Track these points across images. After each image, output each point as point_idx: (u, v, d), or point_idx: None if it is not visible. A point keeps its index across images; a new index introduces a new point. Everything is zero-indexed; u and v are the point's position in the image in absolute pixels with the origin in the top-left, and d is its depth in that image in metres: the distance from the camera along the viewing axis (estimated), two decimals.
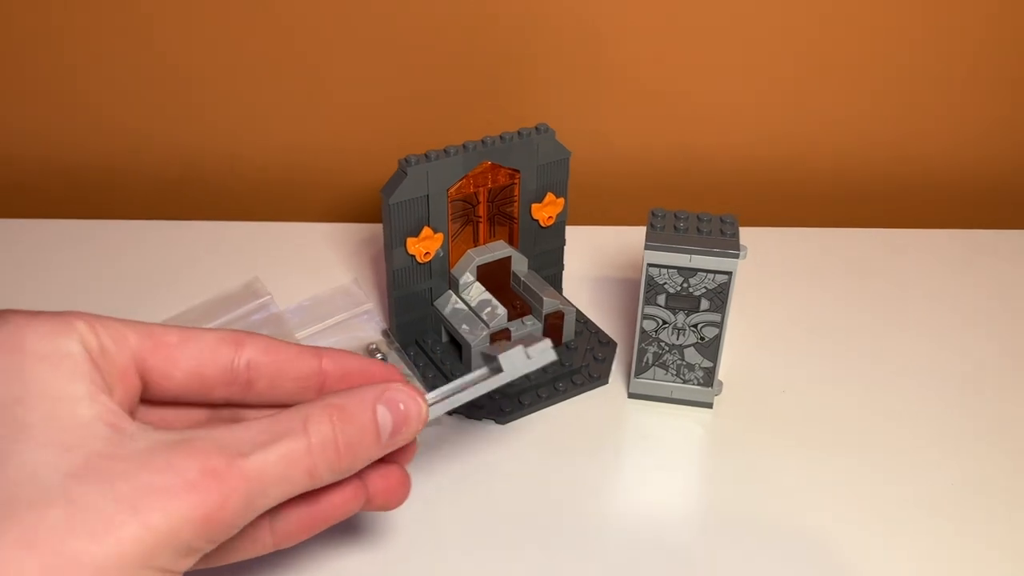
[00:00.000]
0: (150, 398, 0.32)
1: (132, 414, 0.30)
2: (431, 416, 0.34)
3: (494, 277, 0.55)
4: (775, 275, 0.63)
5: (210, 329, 0.33)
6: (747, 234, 0.50)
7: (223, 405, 0.34)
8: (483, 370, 0.38)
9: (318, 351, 0.35)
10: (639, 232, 0.51)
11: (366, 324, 0.58)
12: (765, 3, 0.64)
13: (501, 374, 0.37)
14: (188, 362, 0.32)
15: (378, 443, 0.32)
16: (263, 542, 0.33)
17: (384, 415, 0.32)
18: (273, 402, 0.34)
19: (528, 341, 0.37)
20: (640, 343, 0.51)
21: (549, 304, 0.54)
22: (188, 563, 0.27)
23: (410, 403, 0.33)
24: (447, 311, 0.54)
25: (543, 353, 0.38)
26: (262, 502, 0.29)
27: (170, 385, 0.32)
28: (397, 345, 0.56)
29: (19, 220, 0.67)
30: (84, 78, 0.67)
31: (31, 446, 0.26)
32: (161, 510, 0.26)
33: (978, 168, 0.73)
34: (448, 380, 0.52)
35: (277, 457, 0.29)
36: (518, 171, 0.53)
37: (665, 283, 0.49)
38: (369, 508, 0.36)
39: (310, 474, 0.30)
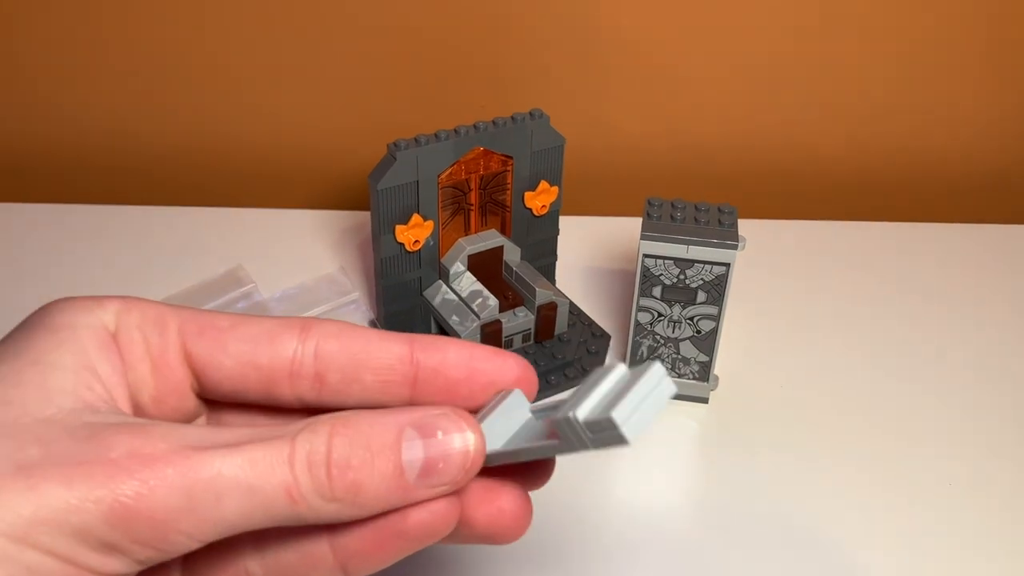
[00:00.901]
0: (207, 394, 0.27)
1: (179, 409, 0.26)
2: (489, 462, 0.25)
3: (486, 267, 0.54)
4: (773, 268, 0.62)
5: (275, 317, 0.27)
6: (746, 226, 0.49)
7: (298, 410, 0.27)
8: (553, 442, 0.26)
9: (409, 338, 0.27)
10: (635, 223, 0.49)
11: (353, 314, 0.56)
12: None
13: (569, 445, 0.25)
14: (240, 346, 0.26)
15: (399, 479, 0.23)
16: (324, 561, 0.25)
17: (413, 444, 0.23)
18: (353, 403, 0.27)
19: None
20: (635, 336, 0.50)
21: (542, 295, 0.52)
22: (108, 562, 0.22)
23: (454, 433, 0.24)
24: (437, 301, 0.53)
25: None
26: (215, 511, 0.22)
27: (220, 376, 0.26)
28: None
29: (10, 204, 0.65)
30: (66, 62, 0.65)
31: None
32: (61, 483, 0.21)
33: (979, 162, 0.72)
34: None
35: (244, 460, 0.22)
36: (511, 157, 0.52)
37: (661, 274, 0.48)
38: (471, 539, 0.27)
39: (288, 493, 0.23)
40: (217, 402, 0.27)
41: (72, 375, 0.24)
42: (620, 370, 0.25)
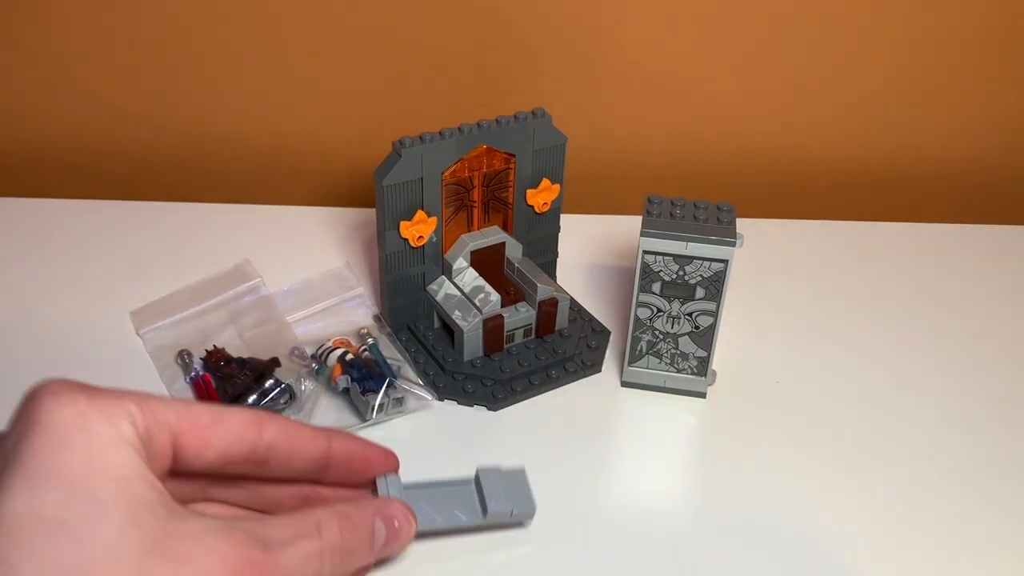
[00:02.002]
0: (178, 470, 0.34)
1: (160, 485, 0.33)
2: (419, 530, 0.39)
3: (488, 263, 0.55)
4: (771, 266, 0.63)
5: (236, 408, 0.35)
6: (745, 225, 0.50)
7: (228, 476, 0.37)
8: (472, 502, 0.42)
9: (328, 434, 0.37)
10: (634, 221, 0.50)
11: (357, 308, 0.57)
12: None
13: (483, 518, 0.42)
14: (219, 443, 0.34)
15: (371, 551, 0.36)
16: None
17: (380, 529, 0.36)
18: (279, 478, 0.37)
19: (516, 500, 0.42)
20: (634, 331, 0.51)
21: (543, 291, 0.53)
22: None
23: (404, 523, 0.37)
24: (440, 296, 0.53)
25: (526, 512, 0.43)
26: None
27: (199, 463, 0.34)
28: (388, 330, 0.55)
29: (12, 199, 0.66)
30: (76, 60, 0.66)
31: (107, 524, 0.28)
32: None
33: (978, 162, 0.72)
34: (441, 368, 0.52)
35: (299, 555, 0.32)
36: (513, 155, 0.53)
37: (660, 271, 0.48)
38: None
39: (317, 573, 0.33)
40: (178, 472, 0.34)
41: (147, 484, 0.30)
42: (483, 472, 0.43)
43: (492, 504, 0.42)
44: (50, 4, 0.64)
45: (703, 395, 0.52)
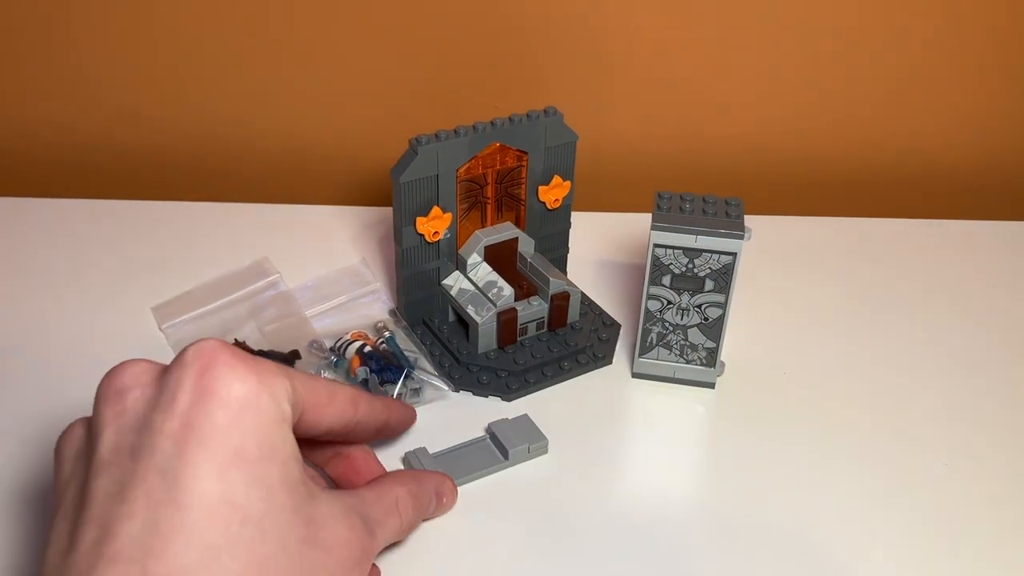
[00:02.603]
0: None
1: None
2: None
3: (501, 258, 0.56)
4: (780, 262, 0.64)
5: (341, 386, 0.38)
6: (753, 221, 0.51)
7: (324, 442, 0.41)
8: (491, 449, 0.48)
9: (387, 405, 0.43)
10: (644, 218, 0.51)
11: (373, 303, 0.59)
12: None
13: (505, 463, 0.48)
14: (330, 420, 0.37)
15: (421, 520, 0.43)
16: None
17: (433, 503, 0.43)
18: (353, 441, 0.42)
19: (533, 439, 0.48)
20: (644, 323, 0.52)
21: (555, 285, 0.54)
22: None
23: (450, 497, 0.44)
24: (454, 291, 0.55)
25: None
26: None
27: (306, 436, 0.36)
28: (405, 324, 0.56)
29: (43, 199, 0.68)
30: (101, 64, 0.68)
31: (279, 515, 0.31)
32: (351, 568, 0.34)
33: (981, 160, 0.73)
34: (456, 360, 0.54)
35: (388, 533, 0.38)
36: (526, 153, 0.54)
37: (670, 263, 0.50)
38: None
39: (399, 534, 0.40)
40: None
41: (299, 464, 0.33)
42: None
43: (510, 447, 0.47)
44: (74, 7, 0.65)
45: (712, 386, 0.53)
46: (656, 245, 0.49)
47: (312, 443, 0.40)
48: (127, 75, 0.68)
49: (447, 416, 0.51)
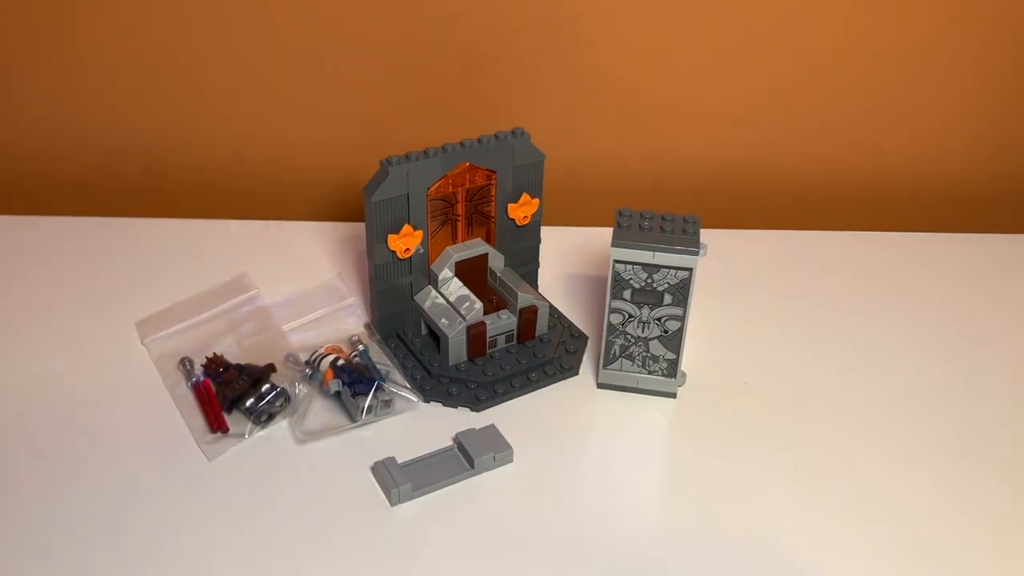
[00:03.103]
0: None
1: None
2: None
3: (472, 273, 0.58)
4: (740, 275, 0.66)
5: None
6: (715, 235, 0.53)
7: None
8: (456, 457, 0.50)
9: None
10: (610, 233, 0.54)
11: (349, 317, 0.61)
12: (738, 17, 0.67)
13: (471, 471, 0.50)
14: None
15: None
16: None
17: None
18: None
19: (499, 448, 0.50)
20: (607, 335, 0.54)
21: (524, 299, 0.56)
22: None
23: None
24: (427, 305, 0.57)
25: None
26: None
27: None
28: (378, 337, 0.58)
29: (26, 217, 0.69)
30: (79, 79, 0.69)
31: None
32: None
33: (938, 175, 0.76)
34: (428, 372, 0.55)
35: None
36: (495, 172, 0.56)
37: (631, 279, 0.52)
38: None
39: None
40: None
41: None
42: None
43: (476, 456, 0.49)
44: (51, 21, 0.67)
45: (673, 395, 0.55)
46: (616, 261, 0.51)
47: None
48: (109, 94, 0.70)
49: (417, 427, 0.53)
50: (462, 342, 0.55)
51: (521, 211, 0.59)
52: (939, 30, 0.69)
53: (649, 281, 0.52)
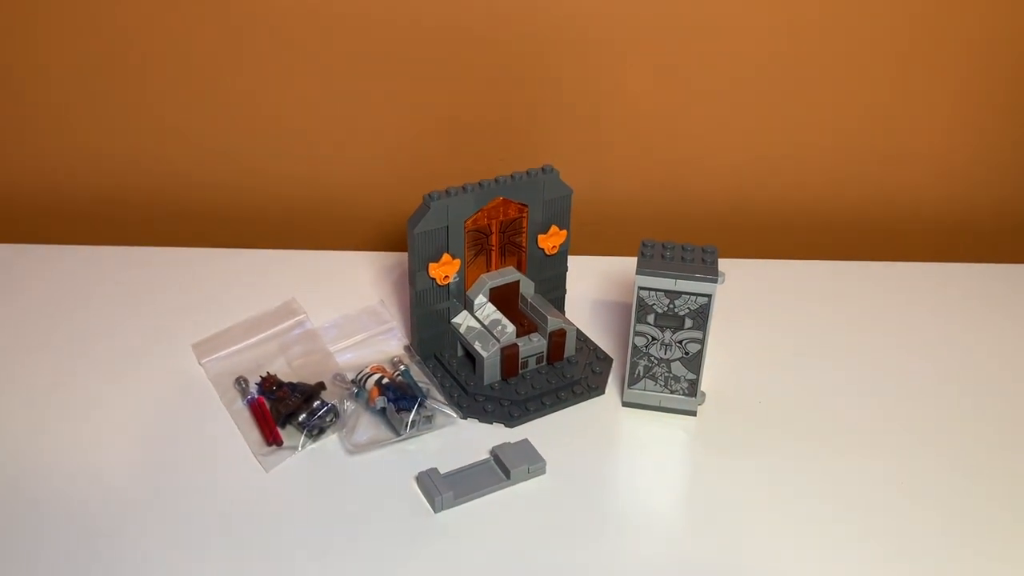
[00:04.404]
0: None
1: None
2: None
3: (504, 299, 0.62)
4: (757, 301, 0.70)
5: None
6: (732, 265, 0.56)
7: None
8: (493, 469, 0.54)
9: None
10: (633, 262, 0.58)
11: (390, 340, 0.65)
12: (755, 58, 0.72)
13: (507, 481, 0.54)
14: None
15: None
16: None
17: None
18: None
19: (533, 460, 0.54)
20: (632, 357, 0.58)
21: (553, 323, 0.61)
22: None
23: None
24: (463, 328, 0.61)
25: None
26: None
27: None
28: (418, 358, 0.63)
29: (90, 247, 0.74)
30: (140, 114, 0.75)
31: None
32: None
33: (945, 204, 0.80)
34: (464, 390, 0.60)
35: None
36: (526, 205, 0.61)
37: (654, 304, 0.56)
38: None
39: None
40: None
41: None
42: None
43: (512, 467, 0.53)
44: (93, 54, 0.73)
45: (694, 413, 0.59)
46: (640, 288, 0.55)
47: None
48: (167, 129, 0.76)
49: (456, 440, 0.57)
50: (496, 363, 0.59)
51: (550, 241, 0.63)
52: (969, 65, 0.73)
53: (671, 306, 0.56)
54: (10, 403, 0.59)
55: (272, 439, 0.56)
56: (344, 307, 0.68)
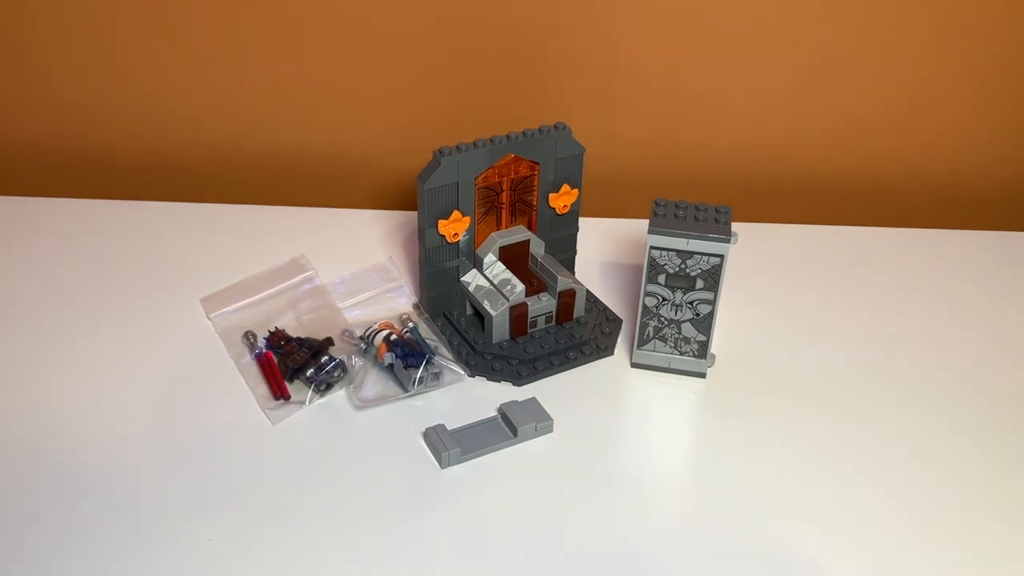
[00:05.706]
0: None
1: None
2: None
3: (514, 258, 0.62)
4: (768, 265, 0.69)
5: None
6: (744, 228, 0.56)
7: None
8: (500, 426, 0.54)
9: None
10: (644, 224, 0.57)
11: (398, 297, 0.65)
12: (770, 16, 0.71)
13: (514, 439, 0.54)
14: None
15: None
16: None
17: None
18: None
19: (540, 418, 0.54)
20: (642, 317, 0.58)
21: (563, 283, 0.60)
22: None
23: None
24: (472, 287, 0.61)
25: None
26: None
27: None
28: (427, 316, 0.62)
29: (101, 201, 0.74)
30: (151, 66, 0.74)
31: None
32: None
33: (961, 171, 0.78)
34: (472, 348, 0.59)
35: None
36: (538, 163, 0.60)
37: (665, 264, 0.55)
38: None
39: None
40: None
41: None
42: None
43: (519, 425, 0.53)
44: (131, 22, 0.72)
45: (703, 375, 0.59)
46: (652, 247, 0.55)
47: None
48: (186, 90, 0.75)
49: (464, 398, 0.57)
50: (505, 322, 0.59)
51: (561, 200, 0.62)
52: (983, 28, 0.71)
53: (683, 266, 0.55)
54: (19, 357, 0.59)
55: (280, 393, 0.56)
56: (353, 264, 0.67)
